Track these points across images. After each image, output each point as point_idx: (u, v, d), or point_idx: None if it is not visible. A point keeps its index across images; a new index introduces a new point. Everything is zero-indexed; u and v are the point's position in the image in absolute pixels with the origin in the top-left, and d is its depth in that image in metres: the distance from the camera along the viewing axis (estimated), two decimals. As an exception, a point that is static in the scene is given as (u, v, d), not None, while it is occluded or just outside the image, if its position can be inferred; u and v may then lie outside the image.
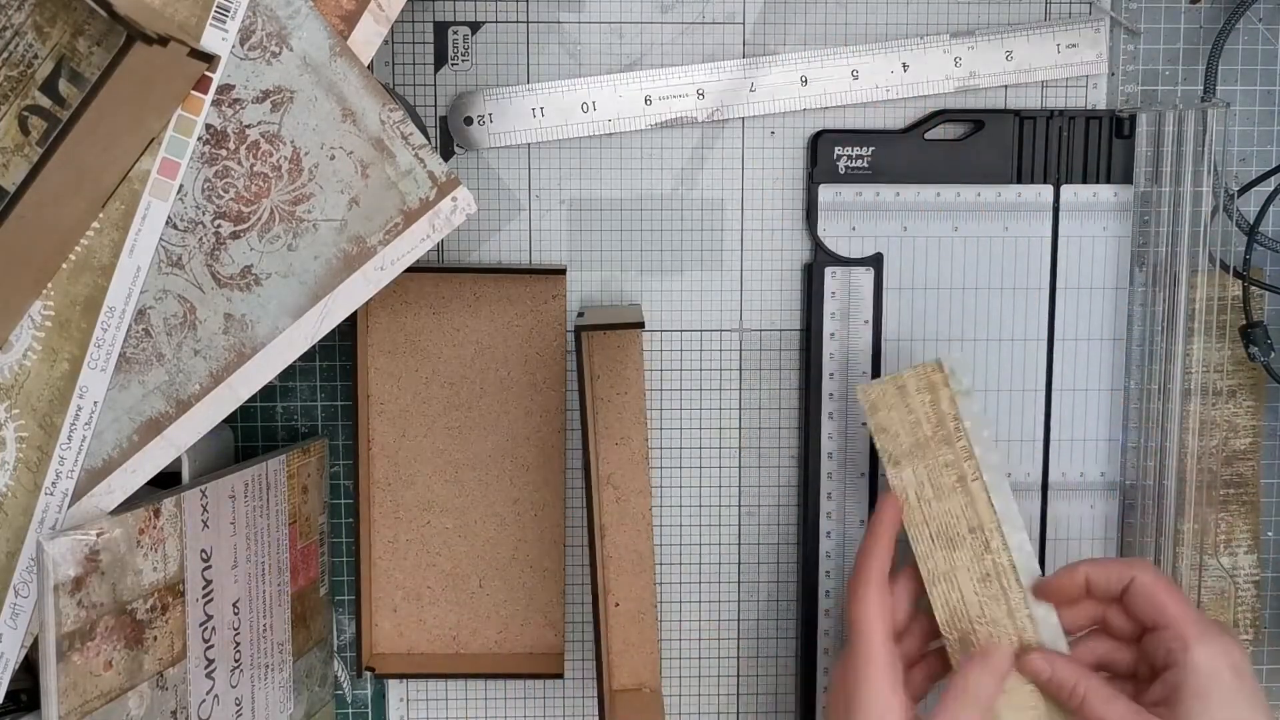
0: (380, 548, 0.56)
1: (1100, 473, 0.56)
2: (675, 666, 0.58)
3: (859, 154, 0.54)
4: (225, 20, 0.42)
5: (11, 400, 0.43)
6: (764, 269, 0.56)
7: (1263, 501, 0.57)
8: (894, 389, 0.50)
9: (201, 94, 0.42)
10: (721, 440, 0.57)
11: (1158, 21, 0.55)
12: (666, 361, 0.56)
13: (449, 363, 0.55)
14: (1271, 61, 0.55)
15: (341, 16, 0.43)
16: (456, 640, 0.57)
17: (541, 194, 0.55)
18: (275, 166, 0.43)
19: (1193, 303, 0.55)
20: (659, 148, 0.55)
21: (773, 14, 0.54)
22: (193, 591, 0.44)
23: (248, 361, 0.44)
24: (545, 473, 0.56)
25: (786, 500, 0.57)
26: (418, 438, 0.56)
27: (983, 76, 0.54)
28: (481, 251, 0.56)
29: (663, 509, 0.57)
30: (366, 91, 0.43)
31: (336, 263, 0.44)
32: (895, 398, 0.50)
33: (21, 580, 0.44)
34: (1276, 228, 0.56)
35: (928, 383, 0.50)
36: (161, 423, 0.44)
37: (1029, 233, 0.55)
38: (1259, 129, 0.56)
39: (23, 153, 0.40)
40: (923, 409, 0.50)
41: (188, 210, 0.43)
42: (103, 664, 0.40)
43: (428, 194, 0.44)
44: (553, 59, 0.54)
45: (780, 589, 0.58)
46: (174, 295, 0.43)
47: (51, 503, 0.43)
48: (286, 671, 0.52)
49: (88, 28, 0.39)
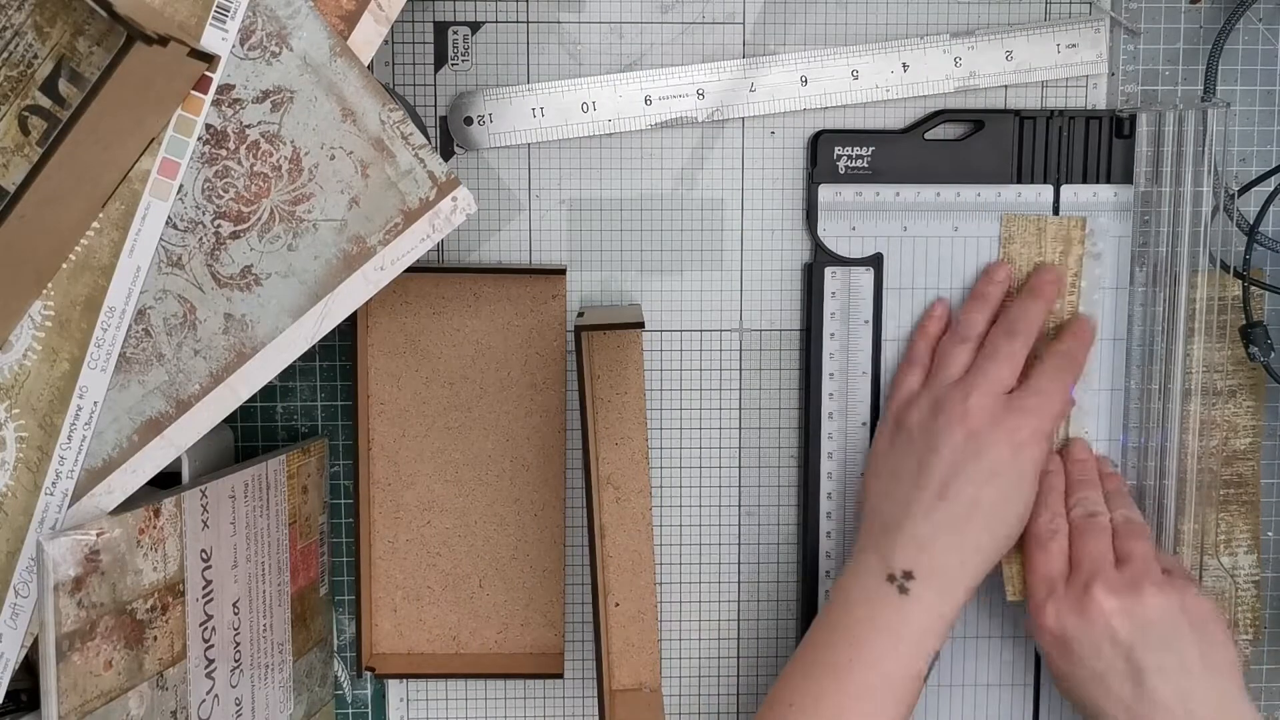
0: (380, 548, 0.56)
1: (1100, 473, 0.56)
2: (675, 666, 0.58)
3: (859, 154, 0.54)
4: (225, 20, 0.42)
5: (11, 400, 0.43)
6: (764, 269, 0.56)
7: (1263, 501, 0.57)
8: (1034, 228, 0.53)
9: (201, 94, 0.42)
10: (721, 440, 0.57)
11: (1158, 21, 0.55)
12: (666, 361, 0.56)
13: (449, 363, 0.55)
14: (1271, 61, 0.55)
15: (341, 16, 0.43)
16: (456, 640, 0.57)
17: (541, 194, 0.55)
18: (275, 166, 0.43)
19: (1193, 303, 0.55)
20: (659, 148, 0.55)
21: (773, 14, 0.54)
22: (193, 591, 0.45)
23: (248, 361, 0.44)
24: (545, 473, 0.56)
25: (786, 500, 0.57)
26: (418, 438, 0.56)
27: (983, 76, 0.54)
28: (481, 251, 0.56)
29: (663, 509, 0.57)
30: (366, 91, 0.43)
31: (336, 263, 0.44)
32: (1032, 236, 0.53)
33: (21, 580, 0.44)
34: (1276, 228, 0.56)
35: (1065, 234, 0.53)
36: (161, 423, 0.44)
37: (1029, 233, 0.55)
38: (1259, 129, 0.56)
39: (23, 153, 0.40)
40: (1052, 256, 0.54)
41: (188, 210, 0.43)
42: (103, 664, 0.40)
43: (428, 194, 0.44)
44: (553, 59, 0.54)
45: (780, 589, 0.58)
46: (174, 295, 0.43)
47: (51, 503, 0.43)
48: (286, 671, 0.52)
49: (88, 28, 0.39)
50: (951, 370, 0.52)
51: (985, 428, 0.50)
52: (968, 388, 0.51)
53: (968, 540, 0.49)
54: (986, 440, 0.49)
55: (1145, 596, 0.47)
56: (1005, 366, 0.51)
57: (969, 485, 0.49)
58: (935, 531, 0.49)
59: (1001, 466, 0.49)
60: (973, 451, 0.49)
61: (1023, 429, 0.50)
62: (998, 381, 0.51)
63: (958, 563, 0.49)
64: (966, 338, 0.53)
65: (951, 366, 0.52)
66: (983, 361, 0.52)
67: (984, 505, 0.49)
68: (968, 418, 0.50)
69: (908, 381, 0.54)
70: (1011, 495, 0.50)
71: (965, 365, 0.52)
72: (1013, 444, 0.49)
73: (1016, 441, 0.49)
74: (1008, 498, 0.50)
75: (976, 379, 0.51)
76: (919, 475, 0.50)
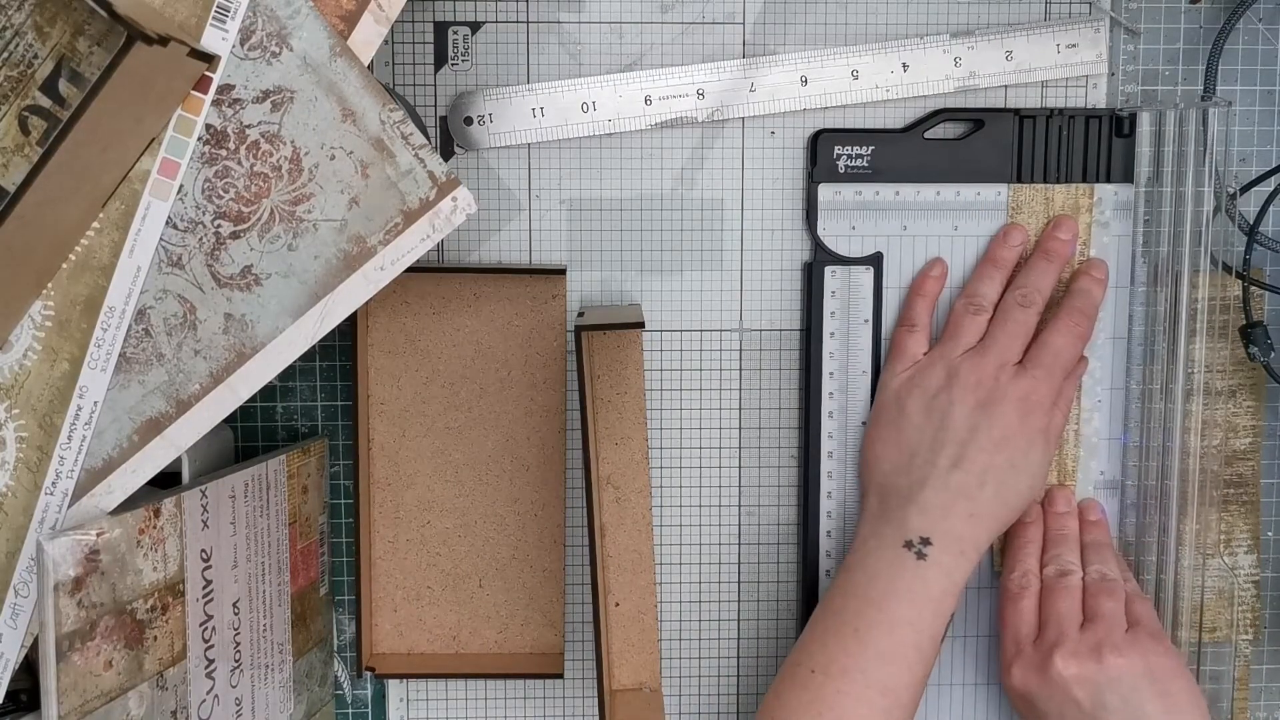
0: (380, 548, 0.56)
1: (1100, 471, 0.56)
2: (675, 666, 0.58)
3: (859, 153, 0.54)
4: (225, 20, 0.42)
5: (11, 400, 0.43)
6: (764, 269, 0.56)
7: (1263, 501, 0.57)
8: (1042, 197, 0.53)
9: (201, 94, 0.42)
10: (721, 440, 0.57)
11: (1158, 21, 0.55)
12: (666, 361, 0.56)
13: (449, 363, 0.55)
14: (1271, 61, 0.55)
15: (341, 16, 0.43)
16: (456, 640, 0.57)
17: (541, 194, 0.55)
18: (275, 166, 0.43)
19: (1193, 303, 0.55)
20: (659, 148, 0.55)
21: (773, 14, 0.54)
22: (193, 591, 0.44)
23: (248, 361, 0.44)
24: (545, 473, 0.56)
25: (786, 500, 0.57)
26: (418, 438, 0.56)
27: (983, 76, 0.54)
28: (481, 251, 0.56)
29: (663, 509, 0.57)
30: (366, 91, 0.43)
31: (336, 263, 0.44)
32: (1039, 205, 0.53)
33: (21, 580, 0.44)
34: (1276, 228, 0.56)
35: (1074, 203, 0.53)
36: (161, 423, 0.44)
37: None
38: (1259, 129, 0.56)
39: (23, 153, 0.40)
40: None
41: (188, 210, 0.43)
42: (103, 664, 0.40)
43: (428, 194, 0.44)
44: (553, 59, 0.54)
45: (780, 589, 0.58)
46: (174, 295, 0.43)
47: (51, 502, 0.43)
48: (286, 671, 0.52)
49: (88, 28, 0.39)
50: (965, 339, 0.52)
51: (998, 398, 0.51)
52: (982, 358, 0.51)
53: (980, 507, 0.50)
54: (998, 410, 0.50)
55: (1106, 662, 0.48)
56: (1019, 336, 0.52)
57: (981, 454, 0.50)
58: (951, 500, 0.50)
59: (1012, 434, 0.50)
60: (985, 421, 0.50)
61: (1034, 395, 0.51)
62: (1010, 351, 0.52)
63: (971, 529, 0.50)
64: (981, 307, 0.53)
65: (965, 335, 0.53)
66: (996, 332, 0.52)
67: (996, 473, 0.50)
68: (980, 388, 0.51)
69: (910, 347, 0.54)
70: (1020, 463, 0.51)
71: (979, 334, 0.53)
72: (1022, 413, 0.50)
73: (1027, 410, 0.50)
74: (1017, 465, 0.51)
75: (991, 349, 0.52)
76: (933, 446, 0.51)
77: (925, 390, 0.52)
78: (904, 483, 0.51)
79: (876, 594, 0.49)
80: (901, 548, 0.50)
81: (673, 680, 0.58)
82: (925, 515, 0.50)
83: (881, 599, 0.49)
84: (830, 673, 0.48)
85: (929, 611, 0.49)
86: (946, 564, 0.49)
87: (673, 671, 0.58)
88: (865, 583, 0.50)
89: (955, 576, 0.49)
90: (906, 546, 0.50)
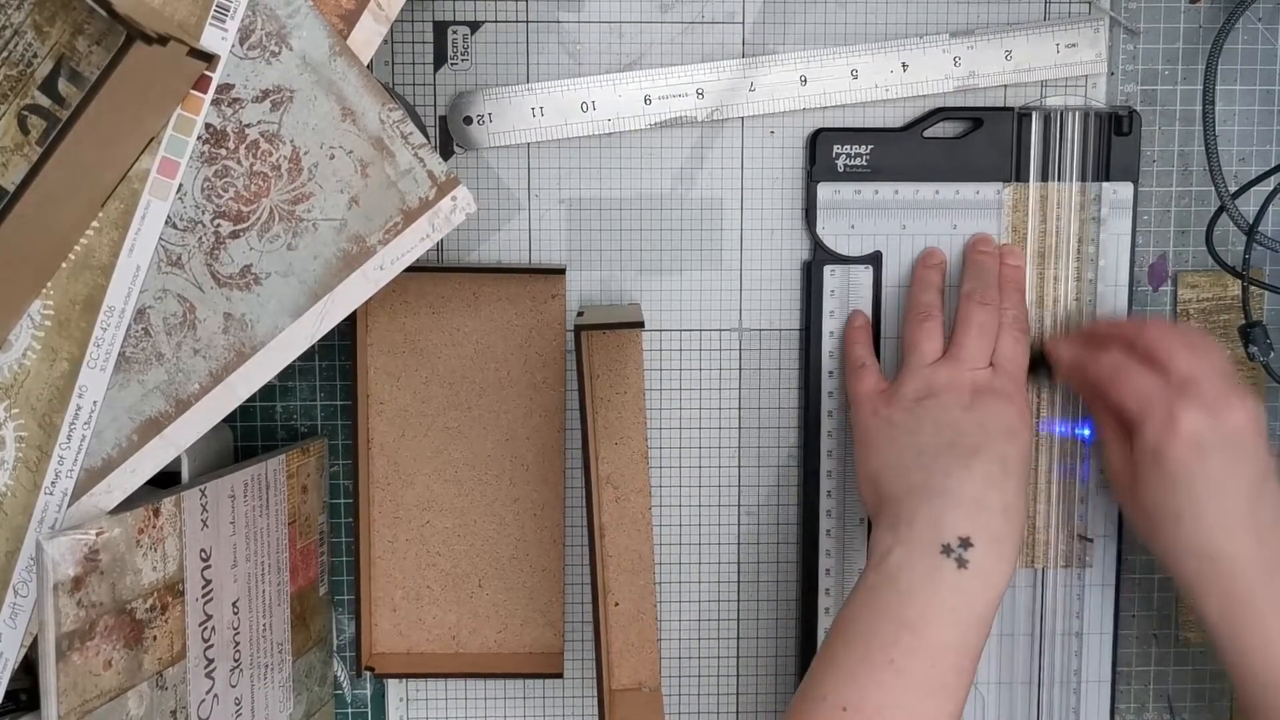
0: (380, 548, 0.56)
1: (1100, 470, 0.56)
2: (675, 666, 0.58)
3: (858, 152, 0.54)
4: (225, 19, 0.42)
5: (11, 400, 0.43)
6: (763, 268, 0.56)
7: (1263, 501, 0.57)
8: (1038, 195, 0.53)
9: (201, 93, 0.42)
10: (721, 440, 0.57)
11: (1158, 21, 0.55)
12: (666, 361, 0.56)
13: (448, 362, 0.55)
14: (1271, 61, 0.55)
15: (341, 16, 0.43)
16: (456, 640, 0.57)
17: (541, 194, 0.55)
18: (275, 166, 0.43)
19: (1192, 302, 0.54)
20: (659, 147, 0.55)
21: (772, 14, 0.54)
22: (192, 591, 0.44)
23: (247, 361, 0.44)
24: (545, 473, 0.56)
25: (786, 500, 0.57)
26: (417, 437, 0.56)
27: (982, 76, 0.54)
28: (481, 251, 0.56)
29: (663, 509, 0.57)
30: (366, 91, 0.43)
31: (336, 262, 0.44)
32: (1035, 204, 0.53)
33: (21, 580, 0.44)
34: (1276, 228, 0.56)
35: (1073, 201, 0.53)
36: (161, 422, 0.44)
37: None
38: (1259, 129, 0.56)
39: (22, 152, 0.40)
40: (1055, 222, 0.53)
41: (187, 210, 0.43)
42: (102, 664, 0.40)
43: (427, 193, 0.44)
44: (552, 59, 0.54)
45: (780, 589, 0.58)
46: (174, 295, 0.43)
47: (51, 502, 0.43)
48: (286, 671, 0.52)
49: (87, 27, 0.39)
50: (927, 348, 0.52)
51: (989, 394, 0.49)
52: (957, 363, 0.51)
53: (1010, 499, 0.47)
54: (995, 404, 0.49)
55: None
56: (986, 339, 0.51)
57: (995, 443, 0.47)
58: (984, 488, 0.46)
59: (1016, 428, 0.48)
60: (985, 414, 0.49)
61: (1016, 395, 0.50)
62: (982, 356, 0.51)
63: (1006, 526, 0.46)
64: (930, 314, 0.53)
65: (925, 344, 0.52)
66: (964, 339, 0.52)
67: (1014, 464, 0.47)
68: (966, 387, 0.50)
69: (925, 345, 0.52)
70: (1027, 457, 0.49)
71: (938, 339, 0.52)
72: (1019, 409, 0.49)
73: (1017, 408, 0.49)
74: (1025, 461, 0.48)
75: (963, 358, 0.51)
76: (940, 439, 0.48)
77: (907, 399, 0.50)
78: (920, 478, 0.47)
79: (913, 616, 0.44)
80: (938, 554, 0.45)
81: (672, 680, 0.58)
82: (959, 509, 0.45)
83: (920, 622, 0.44)
84: (864, 710, 0.43)
85: (974, 632, 0.44)
86: (988, 569, 0.45)
87: (672, 671, 0.58)
88: (898, 603, 0.44)
89: (1000, 587, 0.45)
90: (945, 553, 0.45)
